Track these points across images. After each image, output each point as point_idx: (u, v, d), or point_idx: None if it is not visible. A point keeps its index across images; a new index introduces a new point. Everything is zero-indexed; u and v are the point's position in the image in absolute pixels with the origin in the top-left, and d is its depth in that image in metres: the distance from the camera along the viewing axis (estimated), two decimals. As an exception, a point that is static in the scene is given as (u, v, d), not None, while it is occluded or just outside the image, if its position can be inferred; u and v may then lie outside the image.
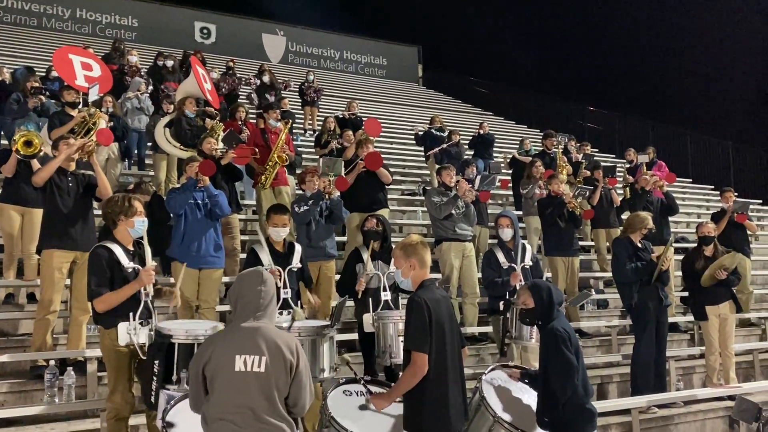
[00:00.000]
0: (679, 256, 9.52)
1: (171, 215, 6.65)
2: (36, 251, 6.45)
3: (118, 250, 4.56)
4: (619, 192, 10.59)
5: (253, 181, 8.87)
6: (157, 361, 4.23)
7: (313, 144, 12.40)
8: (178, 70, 13.01)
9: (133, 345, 4.48)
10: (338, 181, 7.38)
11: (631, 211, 8.42)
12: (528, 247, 6.94)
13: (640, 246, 6.89)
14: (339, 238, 8.09)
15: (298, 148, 10.87)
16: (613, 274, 7.30)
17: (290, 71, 23.47)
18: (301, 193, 7.44)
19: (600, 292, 9.97)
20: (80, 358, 5.89)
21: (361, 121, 12.63)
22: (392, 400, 3.97)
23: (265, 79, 13.92)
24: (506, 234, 6.76)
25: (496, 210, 10.63)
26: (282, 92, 14.48)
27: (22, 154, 6.12)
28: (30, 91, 9.14)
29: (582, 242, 10.44)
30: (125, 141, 9.88)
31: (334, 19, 27.88)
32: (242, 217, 9.34)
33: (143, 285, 4.52)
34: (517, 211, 10.75)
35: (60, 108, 8.21)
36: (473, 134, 14.34)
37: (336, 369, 4.74)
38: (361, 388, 4.36)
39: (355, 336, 6.55)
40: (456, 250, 7.77)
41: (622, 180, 11.15)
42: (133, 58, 12.43)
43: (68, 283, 6.05)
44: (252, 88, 14.05)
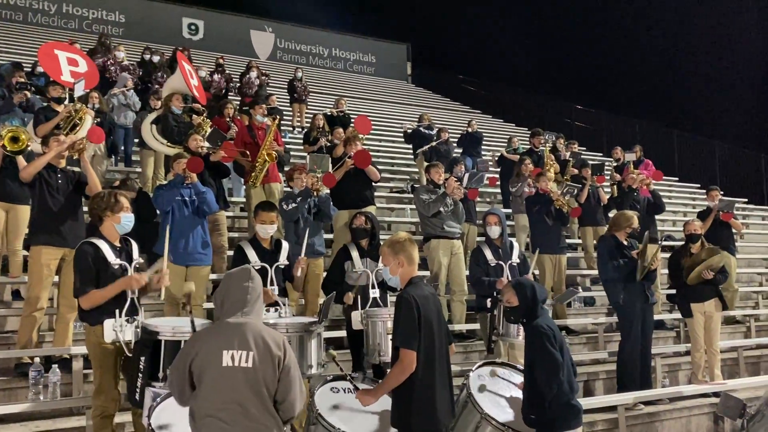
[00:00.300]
0: (666, 255, 9.60)
1: (157, 212, 6.61)
2: (24, 247, 6.41)
3: (104, 247, 4.54)
4: (607, 190, 10.64)
5: (244, 179, 8.84)
6: (143, 358, 4.21)
7: (301, 141, 12.37)
8: (165, 66, 12.93)
9: (119, 342, 4.46)
10: (326, 178, 7.36)
11: (619, 210, 8.47)
12: (516, 245, 6.97)
13: (625, 244, 6.93)
14: (326, 236, 8.08)
15: (287, 146, 10.85)
16: (599, 272, 7.34)
17: (279, 68, 23.40)
18: (289, 190, 7.42)
19: (587, 290, 10.02)
20: (66, 356, 5.85)
21: (350, 118, 12.62)
22: (379, 397, 3.98)
23: (252, 75, 13.85)
24: (494, 232, 6.78)
25: (484, 208, 10.66)
26: (266, 87, 14.42)
27: (9, 150, 6.07)
28: (15, 86, 9.05)
29: (569, 240, 10.49)
30: (111, 137, 9.81)
31: (323, 16, 27.79)
32: (230, 214, 9.30)
33: (130, 287, 4.49)
34: (506, 209, 10.80)
35: (46, 104, 8.14)
36: (462, 132, 14.37)
37: (324, 366, 4.74)
38: (349, 386, 4.36)
39: (344, 333, 6.54)
40: (444, 248, 7.78)
41: (609, 178, 11.21)
42: (119, 54, 12.33)
43: (56, 280, 6.01)
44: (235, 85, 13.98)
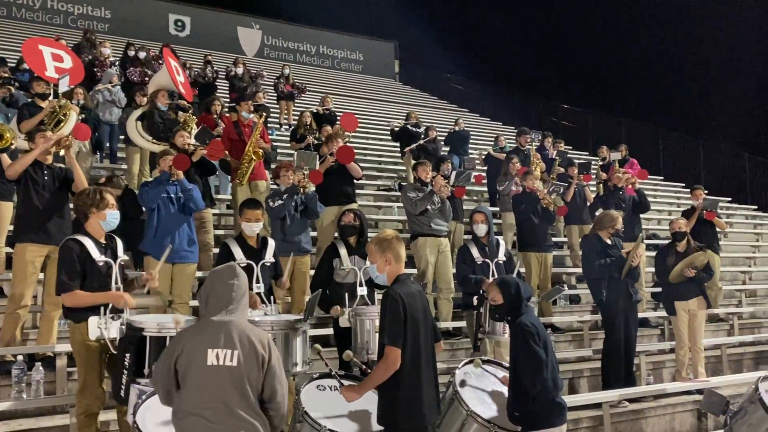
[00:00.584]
0: (651, 253, 9.68)
1: (143, 209, 6.57)
2: (8, 244, 6.34)
3: (89, 244, 4.51)
4: (593, 189, 10.70)
5: (230, 177, 8.80)
6: (128, 355, 4.18)
7: (288, 138, 12.34)
8: (151, 62, 12.85)
9: (103, 339, 4.44)
10: (313, 175, 7.34)
11: (604, 209, 8.52)
12: (502, 243, 6.99)
13: (609, 243, 6.97)
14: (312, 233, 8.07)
15: (274, 143, 10.81)
16: (583, 271, 7.38)
17: (266, 65, 23.30)
18: (276, 187, 7.40)
19: (572, 288, 10.08)
20: (49, 354, 5.81)
21: (336, 116, 12.61)
22: (363, 393, 3.98)
23: (239, 71, 13.79)
24: (480, 230, 6.79)
25: (471, 206, 10.68)
26: (258, 83, 14.37)
27: (-6, 148, 6.01)
28: (-1, 81, 8.98)
29: (555, 238, 10.55)
30: (97, 134, 9.73)
31: (310, 14, 27.68)
32: (216, 211, 9.26)
33: (118, 303, 4.47)
34: (493, 207, 10.82)
35: (30, 99, 8.06)
36: (449, 131, 14.39)
37: (309, 363, 4.73)
38: (335, 383, 4.36)
39: (330, 331, 6.53)
40: (431, 246, 7.80)
41: (595, 177, 11.28)
42: (105, 50, 12.23)
43: (41, 277, 5.96)
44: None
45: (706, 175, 18.89)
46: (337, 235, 8.06)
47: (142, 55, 12.74)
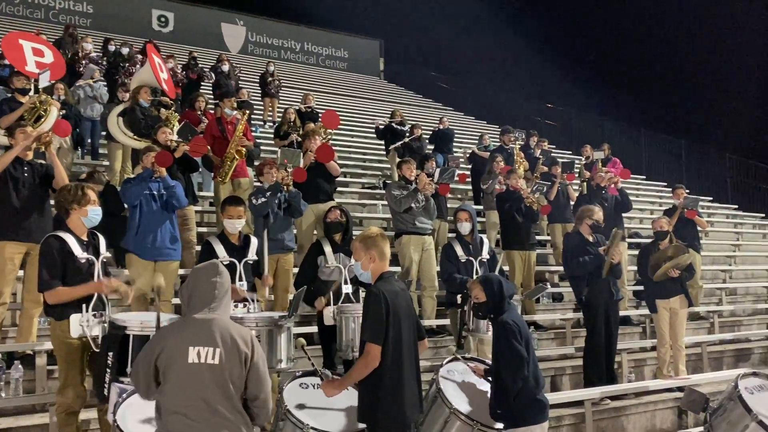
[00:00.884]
0: (633, 252, 9.75)
1: (125, 206, 6.51)
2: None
3: (71, 240, 4.47)
4: (576, 188, 10.76)
5: (213, 174, 8.75)
6: (111, 353, 4.15)
7: (272, 135, 12.29)
8: (134, 58, 12.73)
9: (85, 337, 4.40)
10: (296, 172, 7.30)
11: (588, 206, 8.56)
12: (486, 241, 7.01)
13: (591, 240, 7.03)
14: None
15: (257, 140, 10.76)
16: (564, 268, 7.43)
17: (250, 62, 23.20)
18: (259, 184, 7.36)
19: (555, 286, 10.14)
20: (29, 352, 5.74)
21: (318, 114, 12.58)
22: (343, 389, 3.99)
23: (225, 68, 13.70)
24: (465, 228, 6.81)
25: (455, 204, 10.71)
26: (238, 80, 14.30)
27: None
28: (-22, 76, 8.85)
29: (539, 237, 10.60)
30: (78, 130, 9.64)
31: (295, 10, 27.56)
32: (198, 208, 9.20)
33: (100, 291, 4.44)
34: (477, 206, 10.85)
35: (10, 95, 7.96)
36: (433, 129, 14.41)
37: (293, 360, 4.72)
38: (318, 381, 4.35)
39: (314, 329, 6.52)
40: (415, 244, 7.81)
41: (578, 176, 11.34)
42: (87, 46, 12.11)
43: (20, 274, 5.89)
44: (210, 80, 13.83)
45: (687, 175, 19.08)
46: (316, 232, 8.11)
47: (125, 51, 12.62)
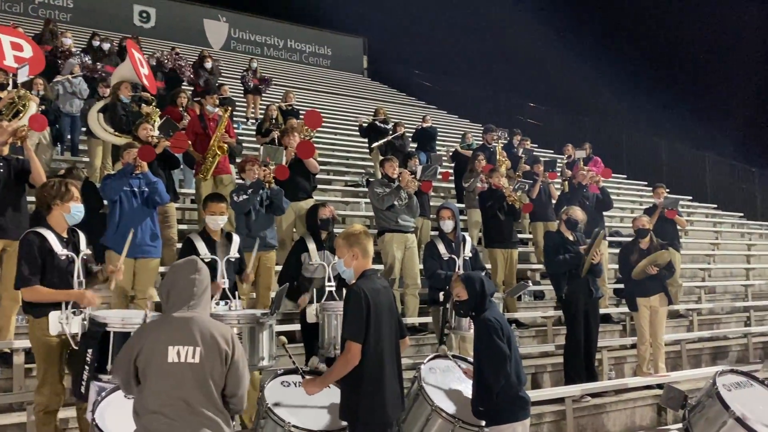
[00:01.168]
0: (614, 250, 9.83)
1: (103, 202, 6.45)
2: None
3: (51, 237, 4.41)
4: (558, 187, 10.82)
5: (195, 171, 8.69)
6: (91, 351, 4.11)
7: (254, 132, 12.23)
8: (114, 54, 12.60)
9: (64, 335, 4.35)
10: (278, 169, 7.27)
11: (568, 206, 8.62)
12: (468, 239, 7.03)
13: (571, 239, 7.08)
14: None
15: (239, 137, 10.70)
16: (545, 266, 7.49)
17: (233, 58, 23.06)
18: (241, 182, 7.32)
19: (537, 284, 10.19)
20: (6, 350, 5.66)
21: (299, 112, 12.55)
22: (324, 386, 3.98)
23: (207, 65, 13.59)
24: (447, 226, 6.83)
25: (438, 202, 10.72)
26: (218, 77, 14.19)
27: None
28: (-45, 71, 8.69)
29: (521, 235, 10.65)
30: (57, 126, 9.53)
31: (278, 7, 27.44)
32: (179, 205, 9.14)
33: (82, 302, 4.39)
34: (459, 204, 10.87)
35: (-13, 89, 7.85)
36: (416, 127, 14.41)
37: (276, 358, 4.70)
38: (300, 379, 4.33)
39: (296, 327, 6.50)
40: (398, 242, 7.81)
41: (560, 175, 11.41)
42: (67, 41, 11.95)
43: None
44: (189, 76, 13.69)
45: (667, 174, 19.26)
46: (296, 229, 8.08)
47: (106, 46, 12.49)
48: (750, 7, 25.46)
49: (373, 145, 12.62)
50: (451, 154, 12.93)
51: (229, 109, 9.03)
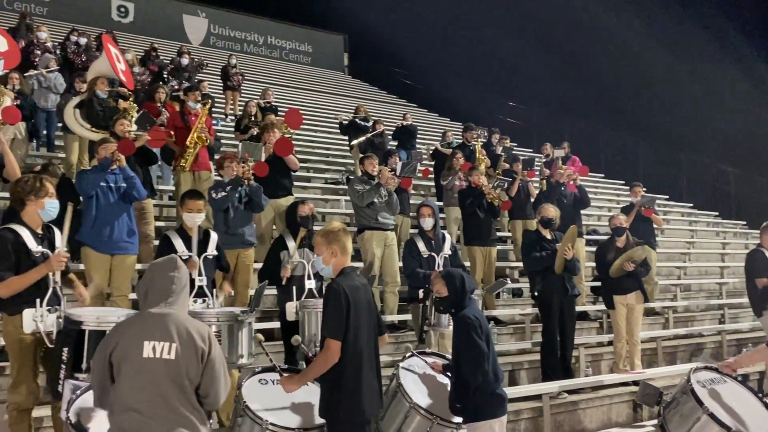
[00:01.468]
0: (591, 248, 9.92)
1: (80, 198, 6.37)
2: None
3: (25, 233, 4.36)
4: (536, 185, 10.90)
5: (173, 166, 8.61)
6: (66, 349, 4.06)
7: (233, 129, 12.15)
8: (93, 49, 12.44)
9: (39, 333, 4.29)
10: (258, 166, 7.24)
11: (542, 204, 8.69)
12: (448, 237, 7.05)
13: (549, 237, 7.15)
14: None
15: (218, 133, 10.63)
16: (522, 264, 7.56)
17: (212, 54, 22.88)
18: (219, 178, 7.27)
19: (515, 281, 10.25)
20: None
21: (278, 110, 12.49)
22: (302, 384, 3.98)
23: (184, 61, 13.47)
24: (427, 223, 6.85)
25: (418, 200, 10.74)
26: (198, 72, 14.07)
27: None
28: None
29: (500, 233, 10.70)
30: (33, 120, 9.40)
31: (258, 3, 27.25)
32: (157, 202, 9.06)
33: (51, 270, 4.33)
34: (439, 202, 10.90)
35: (-39, 84, 7.73)
36: (397, 125, 14.42)
37: (255, 356, 4.68)
38: (278, 377, 4.32)
39: (276, 325, 6.48)
40: (378, 239, 7.81)
41: (539, 173, 11.48)
42: (42, 35, 11.78)
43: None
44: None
45: (644, 173, 19.49)
46: (275, 227, 8.05)
47: (83, 41, 12.32)
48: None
49: (353, 143, 12.61)
50: (432, 152, 12.96)
51: (209, 101, 8.98)
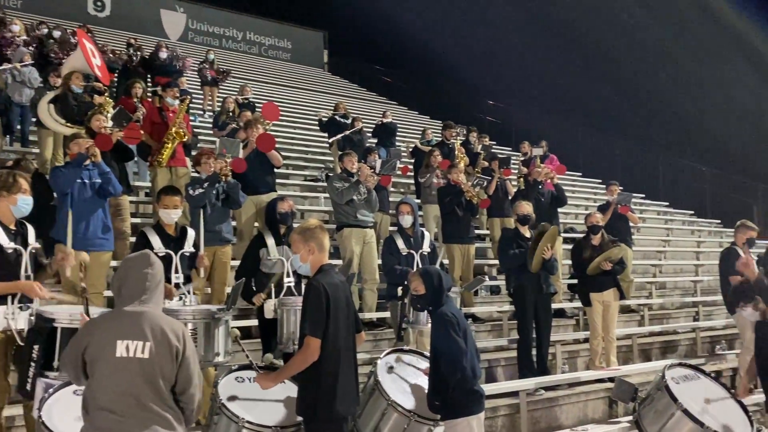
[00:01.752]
0: (568, 246, 9.99)
1: (54, 195, 6.27)
2: None
3: (-3, 229, 4.28)
4: (514, 183, 10.95)
5: (149, 161, 8.50)
6: (37, 347, 4.01)
7: (210, 125, 12.06)
8: (68, 43, 12.26)
9: (10, 330, 4.22)
10: (235, 163, 7.18)
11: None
12: (427, 234, 7.06)
13: (527, 235, 7.21)
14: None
15: (196, 129, 10.54)
16: (499, 262, 7.62)
17: (190, 50, 22.65)
18: (197, 175, 7.21)
19: (493, 279, 10.30)
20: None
21: (256, 106, 12.42)
22: (278, 381, 3.96)
23: (163, 56, 13.33)
24: (406, 221, 6.85)
25: (397, 198, 10.73)
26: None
27: None
28: None
29: (478, 231, 10.74)
30: (7, 115, 9.25)
31: (237, -2, 27.06)
32: (134, 199, 8.96)
33: (30, 294, 4.27)
34: (417, 200, 10.92)
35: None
36: (377, 122, 14.41)
37: (231, 354, 4.65)
38: (255, 374, 4.29)
39: (253, 323, 6.43)
40: (357, 237, 7.79)
41: (517, 171, 11.54)
42: (15, 27, 11.58)
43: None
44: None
45: (621, 172, 19.67)
46: (257, 224, 7.99)
47: (57, 34, 12.14)
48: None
49: (331, 140, 12.58)
50: (411, 150, 12.97)
51: (187, 98, 8.90)
